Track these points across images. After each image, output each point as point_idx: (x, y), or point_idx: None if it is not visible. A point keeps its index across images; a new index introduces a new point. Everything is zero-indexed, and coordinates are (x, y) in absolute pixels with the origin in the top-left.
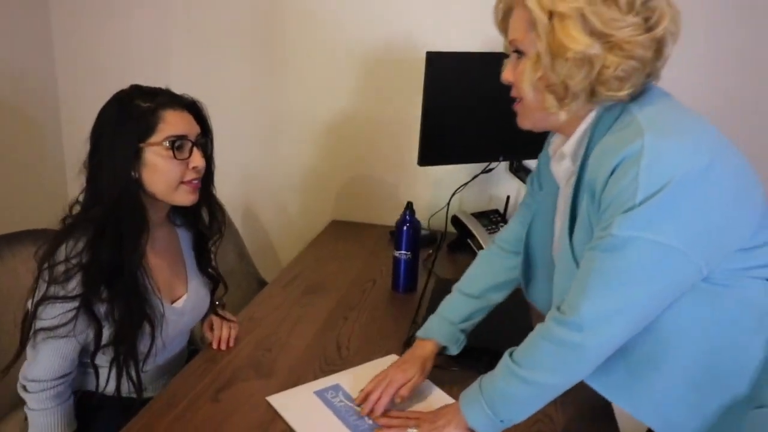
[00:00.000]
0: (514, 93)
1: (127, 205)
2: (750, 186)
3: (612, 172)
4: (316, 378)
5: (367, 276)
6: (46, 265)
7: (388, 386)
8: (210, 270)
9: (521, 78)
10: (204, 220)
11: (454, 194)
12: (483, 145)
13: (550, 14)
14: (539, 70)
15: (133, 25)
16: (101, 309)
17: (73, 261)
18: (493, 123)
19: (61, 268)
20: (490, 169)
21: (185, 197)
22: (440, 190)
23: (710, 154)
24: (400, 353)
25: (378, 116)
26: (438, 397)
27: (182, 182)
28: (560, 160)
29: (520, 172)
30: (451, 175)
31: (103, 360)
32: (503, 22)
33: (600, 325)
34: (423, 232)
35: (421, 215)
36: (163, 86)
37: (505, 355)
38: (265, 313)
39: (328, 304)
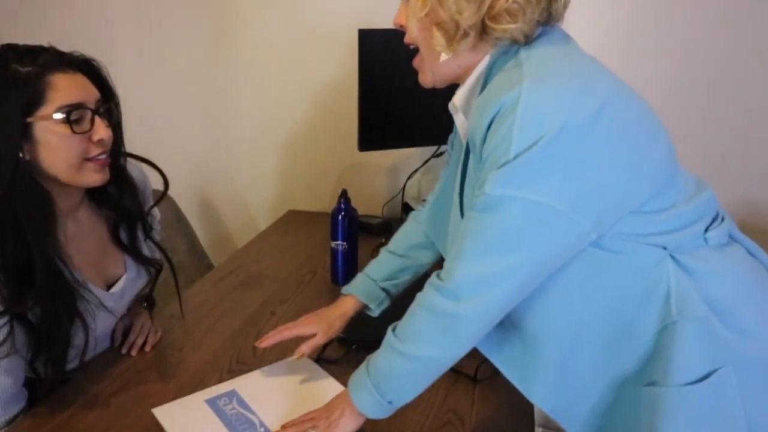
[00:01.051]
0: (406, 39)
1: (21, 195)
2: (650, 140)
3: (490, 124)
4: (220, 381)
5: (308, 267)
6: None
7: (289, 330)
8: (142, 254)
9: (411, 23)
10: (130, 195)
11: (407, 180)
12: (428, 128)
13: None
14: (426, 6)
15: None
16: (34, 314)
17: None
18: (437, 105)
19: None
20: (440, 153)
21: (92, 177)
22: (399, 176)
23: (598, 103)
24: (315, 358)
25: (333, 100)
26: (333, 388)
27: (86, 159)
28: (455, 114)
29: None
30: (408, 160)
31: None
32: None
33: (476, 293)
34: (376, 220)
35: (377, 203)
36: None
37: (389, 329)
38: (187, 310)
39: (258, 298)
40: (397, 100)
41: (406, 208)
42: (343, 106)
